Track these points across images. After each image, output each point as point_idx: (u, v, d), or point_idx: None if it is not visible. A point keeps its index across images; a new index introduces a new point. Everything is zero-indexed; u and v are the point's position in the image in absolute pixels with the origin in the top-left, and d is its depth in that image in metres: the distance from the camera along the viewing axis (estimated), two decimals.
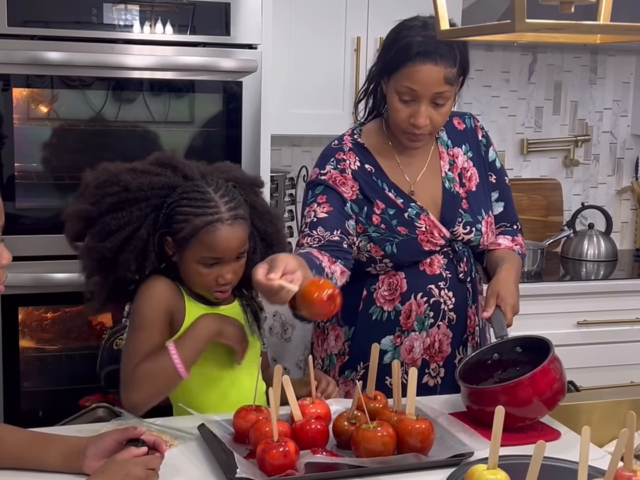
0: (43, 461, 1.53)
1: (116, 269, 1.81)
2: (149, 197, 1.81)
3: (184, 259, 1.82)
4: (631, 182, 4.10)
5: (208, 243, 1.78)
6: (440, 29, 1.50)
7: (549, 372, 1.74)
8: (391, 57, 2.00)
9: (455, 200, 2.10)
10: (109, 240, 1.79)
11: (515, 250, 2.15)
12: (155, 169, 1.84)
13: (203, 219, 1.77)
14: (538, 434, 1.73)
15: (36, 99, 2.67)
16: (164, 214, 1.81)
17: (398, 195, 2.07)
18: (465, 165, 2.14)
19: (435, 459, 1.58)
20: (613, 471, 1.30)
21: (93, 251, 1.81)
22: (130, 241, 1.79)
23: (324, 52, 3.13)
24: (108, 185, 1.82)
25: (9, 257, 1.43)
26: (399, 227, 2.04)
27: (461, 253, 2.08)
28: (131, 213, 1.79)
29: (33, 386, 2.77)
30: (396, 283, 2.07)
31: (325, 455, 1.55)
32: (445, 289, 2.07)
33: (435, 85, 1.94)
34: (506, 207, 2.21)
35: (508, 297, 1.96)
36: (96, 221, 1.81)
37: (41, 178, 2.67)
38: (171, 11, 2.67)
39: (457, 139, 2.16)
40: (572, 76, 3.94)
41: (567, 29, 1.25)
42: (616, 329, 3.40)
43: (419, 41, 1.94)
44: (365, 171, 2.08)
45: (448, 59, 1.94)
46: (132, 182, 1.80)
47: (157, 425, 1.74)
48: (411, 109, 1.97)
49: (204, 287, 1.84)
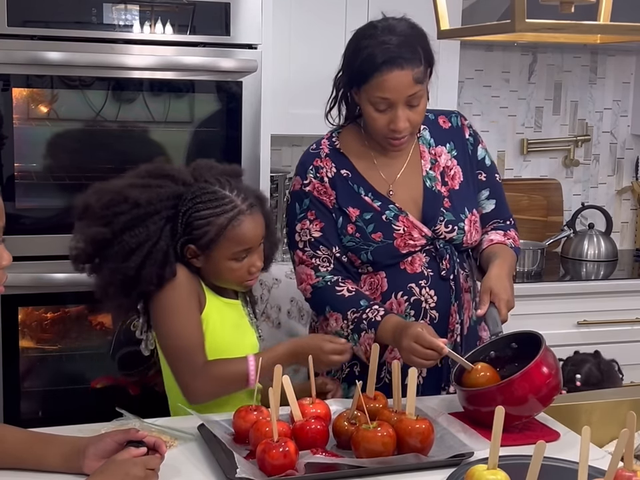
0: (43, 461, 1.53)
1: (139, 284, 1.80)
2: (159, 210, 1.81)
3: (211, 260, 1.84)
4: (630, 182, 4.10)
5: (237, 238, 1.81)
6: (440, 28, 1.50)
7: (541, 368, 1.74)
8: (356, 69, 2.01)
9: (436, 198, 2.10)
10: (131, 259, 1.78)
11: (507, 244, 2.14)
12: (153, 181, 1.85)
13: (225, 216, 1.80)
14: (537, 434, 1.73)
15: (36, 99, 2.67)
16: (181, 223, 1.81)
17: (375, 198, 2.08)
18: (448, 163, 2.13)
19: (435, 459, 1.58)
20: (613, 470, 1.30)
21: (117, 272, 1.80)
22: (151, 255, 1.79)
23: (324, 52, 3.12)
24: (115, 203, 1.81)
25: (9, 258, 1.43)
26: (374, 233, 2.06)
27: (443, 250, 2.08)
28: (147, 227, 1.79)
29: (33, 386, 2.77)
30: (377, 282, 2.09)
31: (324, 455, 1.55)
32: (426, 287, 2.07)
33: (406, 89, 1.96)
34: (497, 205, 2.21)
35: (501, 292, 1.95)
36: (110, 242, 1.80)
37: (41, 178, 2.67)
38: (171, 11, 2.67)
39: (441, 137, 2.16)
40: (572, 76, 3.94)
41: (567, 29, 1.25)
42: (616, 329, 3.40)
43: (382, 48, 1.95)
44: (340, 178, 2.09)
45: (412, 59, 1.95)
46: (141, 197, 1.80)
47: (157, 425, 1.74)
48: (388, 116, 1.99)
49: (236, 280, 1.87)
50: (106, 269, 1.82)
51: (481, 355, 1.90)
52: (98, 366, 2.83)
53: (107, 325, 2.85)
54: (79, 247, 1.85)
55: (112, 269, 1.80)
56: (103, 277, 1.84)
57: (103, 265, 1.83)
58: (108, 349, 2.36)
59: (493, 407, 1.71)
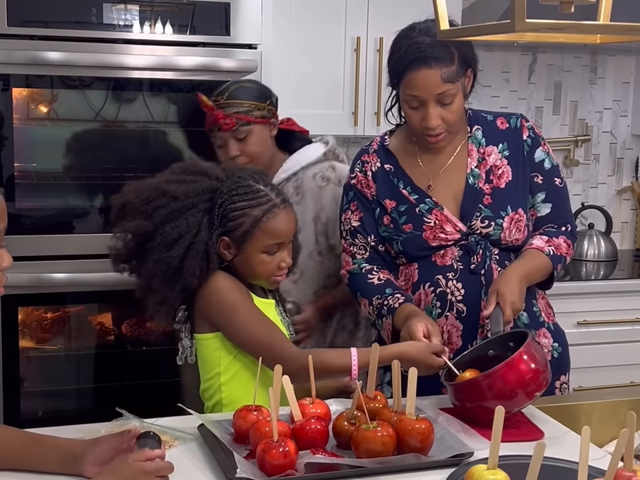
0: (42, 463, 1.53)
1: (181, 276, 1.83)
2: (196, 203, 1.87)
3: (245, 252, 1.88)
4: (630, 182, 4.10)
5: (271, 230, 1.86)
6: (440, 28, 1.50)
7: (524, 360, 1.75)
8: (392, 68, 2.11)
9: (476, 195, 2.13)
10: (174, 248, 1.83)
11: (545, 250, 2.13)
12: (188, 177, 1.91)
13: (261, 208, 1.86)
14: (522, 432, 1.75)
15: (36, 99, 2.67)
16: (217, 215, 1.86)
17: (413, 192, 2.16)
18: (497, 162, 2.16)
19: (434, 459, 1.58)
20: (613, 470, 1.30)
21: (160, 262, 1.84)
22: (192, 246, 1.83)
23: (324, 52, 3.13)
24: (154, 198, 1.87)
25: (9, 259, 1.43)
26: (405, 224, 2.14)
27: (475, 245, 2.10)
28: (186, 220, 1.85)
29: (33, 386, 2.77)
30: (410, 273, 2.17)
31: (324, 455, 1.55)
32: (453, 279, 2.10)
33: (434, 87, 2.03)
34: (554, 209, 2.20)
35: (507, 294, 1.98)
36: (152, 235, 1.85)
37: (41, 178, 2.67)
38: (171, 11, 2.67)
39: (495, 138, 2.19)
40: (572, 76, 3.94)
41: (567, 29, 1.25)
42: (616, 328, 3.41)
43: (413, 48, 2.03)
44: (383, 171, 2.19)
45: (442, 59, 2.02)
46: (178, 191, 1.86)
47: (157, 425, 1.74)
48: (420, 113, 2.07)
49: (266, 274, 1.91)
50: (149, 261, 1.85)
51: (479, 354, 1.92)
52: (98, 366, 2.83)
53: (106, 324, 2.85)
54: (118, 247, 1.90)
55: (156, 259, 1.84)
56: (145, 271, 1.87)
57: (146, 258, 1.86)
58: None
59: (478, 401, 1.75)
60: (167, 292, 1.85)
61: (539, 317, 2.18)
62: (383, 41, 3.07)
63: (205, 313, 1.88)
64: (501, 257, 2.14)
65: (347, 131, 3.22)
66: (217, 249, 1.87)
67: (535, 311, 2.17)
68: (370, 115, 3.20)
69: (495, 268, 2.12)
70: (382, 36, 3.06)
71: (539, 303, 2.20)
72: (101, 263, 2.66)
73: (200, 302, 1.88)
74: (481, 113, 2.24)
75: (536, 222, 2.20)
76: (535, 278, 2.12)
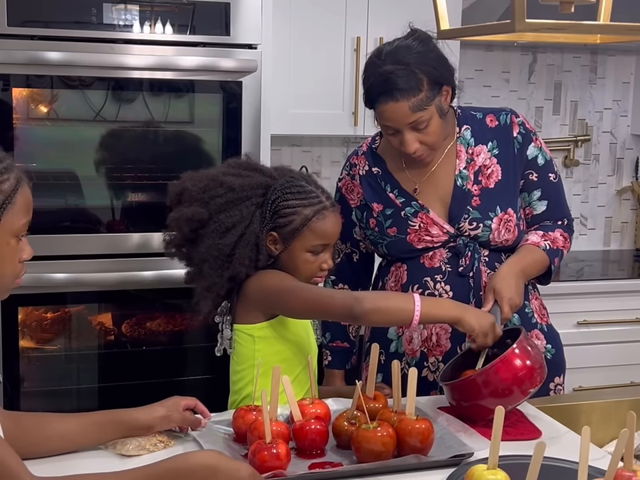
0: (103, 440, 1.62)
1: (231, 264, 1.88)
2: (250, 196, 1.92)
3: (291, 249, 1.91)
4: (630, 182, 4.10)
5: (319, 231, 1.90)
6: (440, 28, 1.50)
7: (517, 356, 1.76)
8: (364, 96, 2.11)
9: (464, 197, 2.11)
10: (227, 236, 1.88)
11: (540, 245, 2.12)
12: (244, 172, 1.96)
13: (312, 208, 1.90)
14: (519, 431, 1.75)
15: (36, 99, 2.67)
16: (269, 210, 1.91)
17: (399, 195, 2.14)
18: (486, 162, 2.13)
19: (435, 459, 1.58)
20: (612, 470, 1.30)
21: (213, 248, 1.89)
22: (244, 237, 1.89)
23: (324, 52, 3.13)
24: (211, 187, 1.92)
25: (30, 251, 1.45)
26: (390, 228, 2.14)
27: (462, 247, 2.10)
28: (240, 211, 1.90)
29: (33, 386, 2.77)
30: (399, 274, 2.16)
31: (320, 470, 1.54)
32: (441, 282, 2.10)
33: (404, 118, 2.01)
34: (550, 206, 2.18)
35: (504, 290, 1.97)
36: (206, 222, 1.89)
37: (41, 178, 2.66)
38: (171, 11, 2.67)
39: (483, 136, 2.16)
40: (572, 76, 3.94)
41: (567, 29, 1.26)
42: (616, 328, 3.41)
43: (378, 81, 2.01)
44: (371, 175, 2.19)
45: (409, 90, 1.98)
46: (235, 182, 1.91)
47: None
48: (398, 139, 2.06)
49: (308, 274, 1.94)
50: (202, 246, 1.90)
51: (474, 353, 1.92)
52: (98, 366, 2.83)
53: (106, 324, 2.85)
54: (172, 232, 1.96)
55: (209, 245, 1.89)
56: (197, 255, 1.92)
57: (199, 244, 1.91)
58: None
59: (474, 399, 1.75)
60: (215, 278, 1.90)
61: (530, 318, 2.16)
62: (382, 41, 3.06)
63: (254, 298, 1.90)
64: (491, 258, 2.13)
65: (346, 131, 3.22)
66: (265, 243, 1.91)
67: (527, 312, 2.15)
68: (370, 115, 3.12)
69: (483, 270, 2.11)
70: (382, 36, 3.06)
71: (532, 303, 2.18)
72: (101, 263, 2.67)
73: (251, 286, 1.90)
74: (471, 111, 2.20)
75: (532, 219, 2.19)
76: (531, 272, 2.11)
